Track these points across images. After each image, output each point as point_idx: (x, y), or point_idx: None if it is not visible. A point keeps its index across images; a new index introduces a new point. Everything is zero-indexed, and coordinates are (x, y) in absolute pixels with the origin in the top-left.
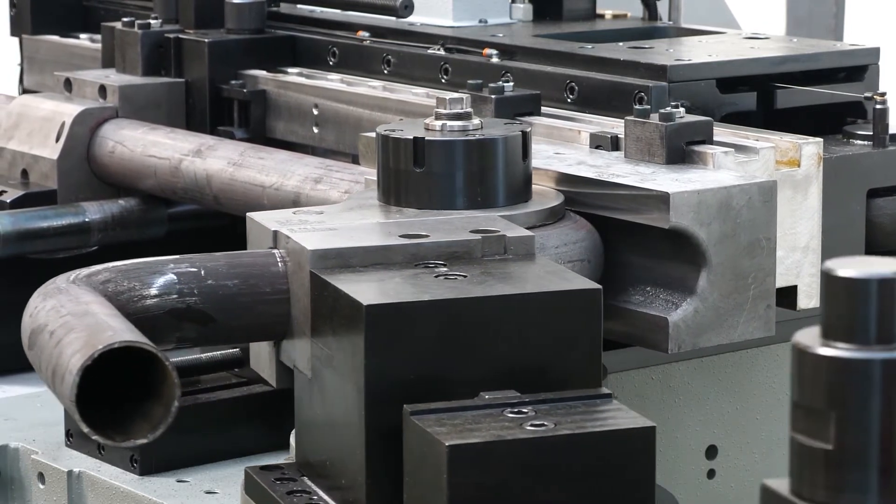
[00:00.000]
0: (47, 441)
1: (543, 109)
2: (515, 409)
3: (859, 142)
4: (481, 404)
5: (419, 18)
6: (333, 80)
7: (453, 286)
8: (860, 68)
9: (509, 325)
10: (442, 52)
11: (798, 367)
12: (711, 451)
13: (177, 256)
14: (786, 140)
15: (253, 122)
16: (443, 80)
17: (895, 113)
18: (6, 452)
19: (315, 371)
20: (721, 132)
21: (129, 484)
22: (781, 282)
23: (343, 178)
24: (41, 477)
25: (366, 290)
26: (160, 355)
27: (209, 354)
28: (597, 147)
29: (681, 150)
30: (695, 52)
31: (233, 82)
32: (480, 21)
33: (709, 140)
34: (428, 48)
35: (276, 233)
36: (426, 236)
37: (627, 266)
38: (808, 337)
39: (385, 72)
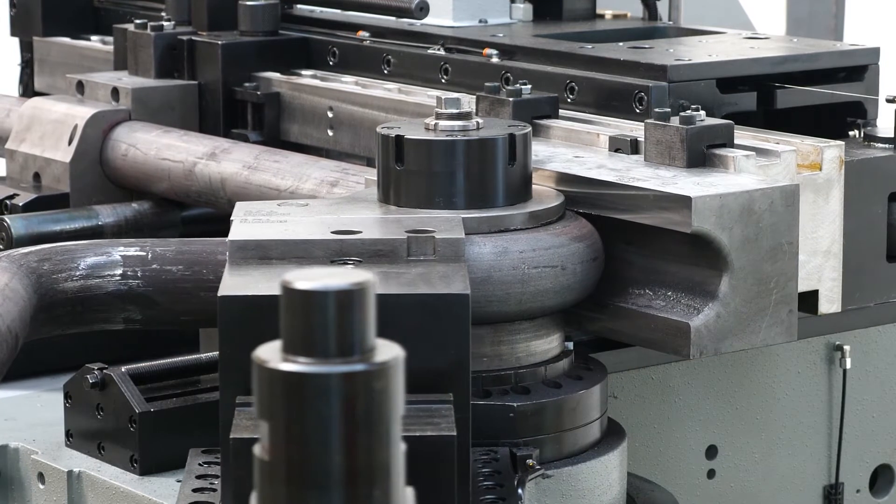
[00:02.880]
0: (47, 441)
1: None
2: None
3: (880, 145)
4: None
5: None
6: (348, 83)
7: None
8: (860, 68)
9: None
10: (442, 52)
11: (258, 382)
12: (711, 451)
13: (132, 240)
14: (807, 143)
15: (267, 124)
16: (443, 80)
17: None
18: (6, 452)
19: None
20: (741, 135)
21: (129, 484)
22: (803, 286)
23: (360, 182)
24: (41, 477)
25: (238, 282)
26: None
27: (209, 354)
28: (616, 150)
29: (701, 153)
30: (695, 52)
31: (246, 85)
32: (480, 21)
33: (730, 143)
34: (428, 48)
35: (232, 221)
36: (358, 233)
37: (648, 270)
38: (268, 351)
39: (385, 72)
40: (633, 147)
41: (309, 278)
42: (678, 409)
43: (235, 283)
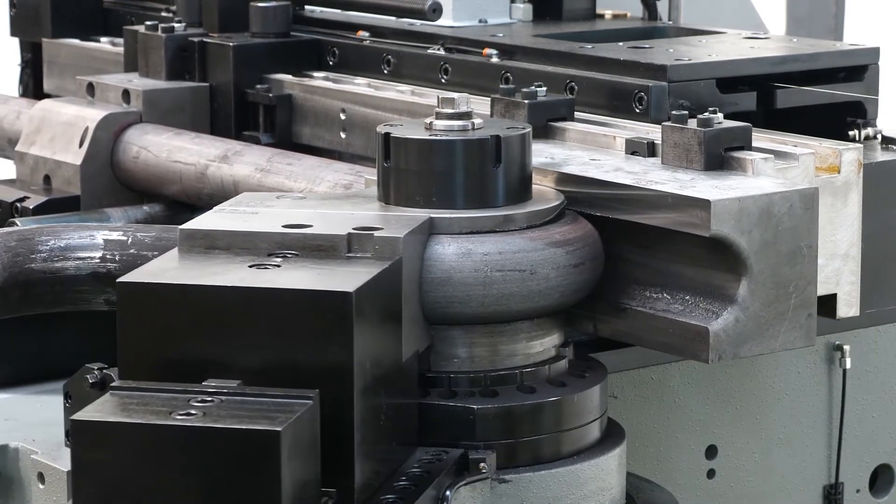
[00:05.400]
0: (47, 441)
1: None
2: (209, 399)
3: None
4: (179, 389)
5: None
6: (360, 85)
7: (234, 275)
8: (860, 68)
9: (255, 318)
10: (442, 52)
11: None
12: (711, 451)
13: (120, 225)
14: (825, 146)
15: (279, 126)
16: (443, 80)
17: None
18: (6, 452)
19: None
20: (759, 137)
21: None
22: (821, 290)
23: None
24: (41, 477)
25: (154, 269)
26: None
27: None
28: (633, 153)
29: (719, 156)
30: (695, 52)
31: (258, 86)
32: (480, 21)
33: (747, 146)
34: (428, 48)
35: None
36: (308, 227)
37: (666, 274)
38: None
39: (385, 72)
40: (650, 150)
41: None
42: (678, 408)
43: (150, 269)
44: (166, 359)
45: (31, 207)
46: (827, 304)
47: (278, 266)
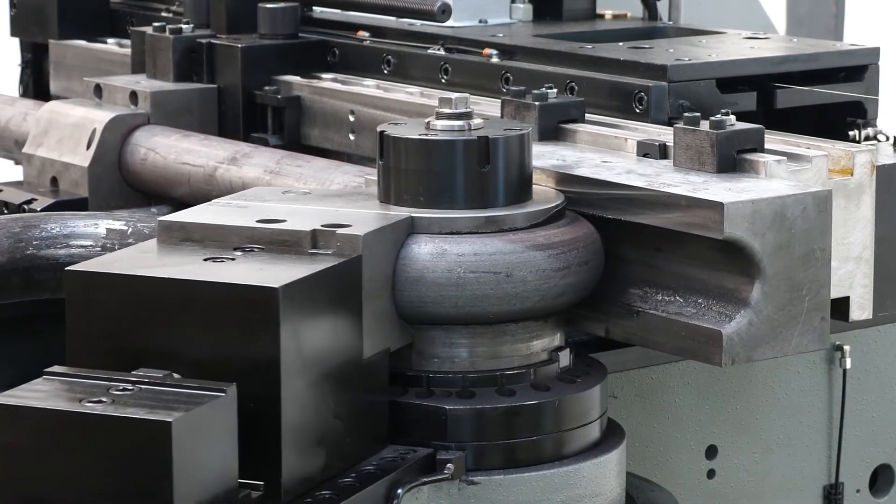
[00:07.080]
0: None
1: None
2: (130, 388)
3: None
4: (105, 377)
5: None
6: (370, 87)
7: (181, 267)
8: (860, 68)
9: (189, 310)
10: (442, 52)
11: None
12: (711, 451)
13: (127, 214)
14: (838, 148)
15: (287, 128)
16: (443, 80)
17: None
18: None
19: None
20: (771, 139)
21: None
22: (834, 293)
23: None
24: None
25: (110, 259)
26: None
27: None
28: (644, 155)
29: (732, 158)
30: (695, 52)
31: (266, 88)
32: (480, 21)
33: (760, 148)
34: (428, 48)
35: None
36: (280, 222)
37: (679, 277)
38: None
39: (385, 72)
40: (662, 152)
41: None
42: (678, 408)
43: (106, 259)
44: (109, 347)
45: (38, 210)
46: (840, 307)
47: (233, 260)
